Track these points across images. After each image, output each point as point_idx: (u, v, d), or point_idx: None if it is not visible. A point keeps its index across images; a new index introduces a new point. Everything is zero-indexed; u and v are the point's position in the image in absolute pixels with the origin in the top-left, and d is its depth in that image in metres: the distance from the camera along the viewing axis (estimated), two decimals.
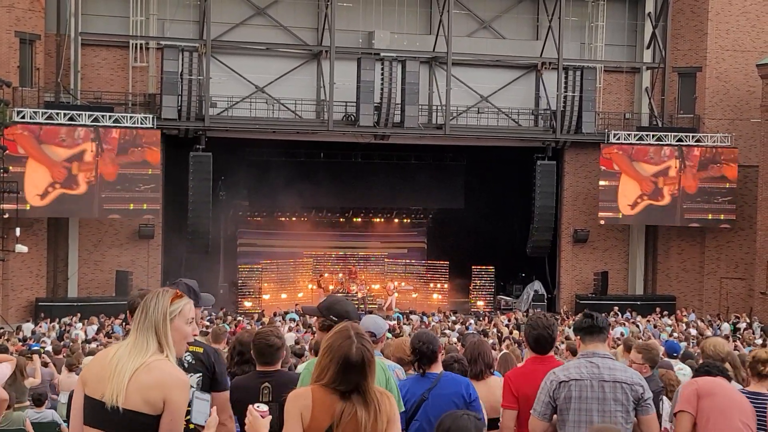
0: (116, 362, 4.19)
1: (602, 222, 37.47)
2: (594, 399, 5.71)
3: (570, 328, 27.34)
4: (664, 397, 7.79)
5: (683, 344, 22.12)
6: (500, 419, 6.50)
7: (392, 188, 39.69)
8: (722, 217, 37.46)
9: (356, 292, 38.35)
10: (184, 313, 4.41)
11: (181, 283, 5.33)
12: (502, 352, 10.97)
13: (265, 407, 4.39)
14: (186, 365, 4.98)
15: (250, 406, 4.39)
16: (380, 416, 4.24)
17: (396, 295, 38.54)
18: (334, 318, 5.65)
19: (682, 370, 10.17)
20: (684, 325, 30.40)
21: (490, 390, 7.64)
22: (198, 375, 5.20)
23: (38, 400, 12.12)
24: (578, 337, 6.06)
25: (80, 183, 32.58)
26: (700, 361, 7.28)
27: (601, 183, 36.81)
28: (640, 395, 5.74)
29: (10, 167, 30.68)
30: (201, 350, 5.26)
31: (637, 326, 28.65)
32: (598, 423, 5.53)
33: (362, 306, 36.98)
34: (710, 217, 37.42)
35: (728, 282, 38.03)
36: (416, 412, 6.40)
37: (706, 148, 37.17)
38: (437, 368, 6.66)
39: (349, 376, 4.20)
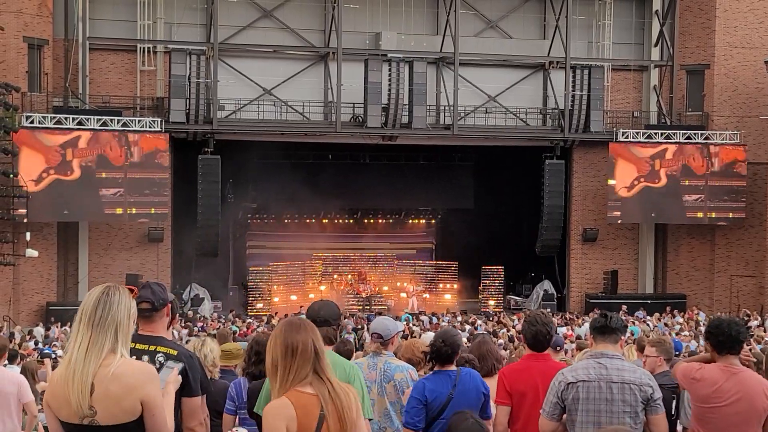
0: (73, 370, 4.03)
1: (618, 221, 37.35)
2: (602, 400, 5.69)
3: (580, 327, 27.36)
4: (685, 392, 7.71)
5: (694, 342, 22.12)
6: (494, 415, 6.50)
7: (401, 189, 39.70)
8: (731, 215, 37.31)
9: (361, 293, 38.41)
10: (135, 312, 4.34)
11: (153, 284, 5.22)
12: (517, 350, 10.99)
13: (244, 430, 4.35)
14: (158, 366, 4.87)
15: (234, 429, 4.36)
16: (350, 402, 4.20)
17: (414, 298, 38.49)
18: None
19: None
20: (694, 323, 30.30)
21: None
22: (181, 365, 5.07)
23: None
24: (592, 336, 6.06)
25: (74, 169, 32.49)
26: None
27: (610, 182, 36.73)
28: (649, 396, 5.72)
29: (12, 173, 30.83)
30: (175, 353, 5.08)
31: (648, 325, 28.61)
32: (606, 424, 5.51)
33: (368, 306, 37.04)
34: (714, 216, 37.26)
35: (739, 280, 37.91)
36: (443, 410, 6.38)
37: (714, 146, 37.06)
38: (451, 366, 6.65)
39: (306, 364, 4.14)
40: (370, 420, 5.79)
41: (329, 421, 4.12)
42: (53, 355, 16.08)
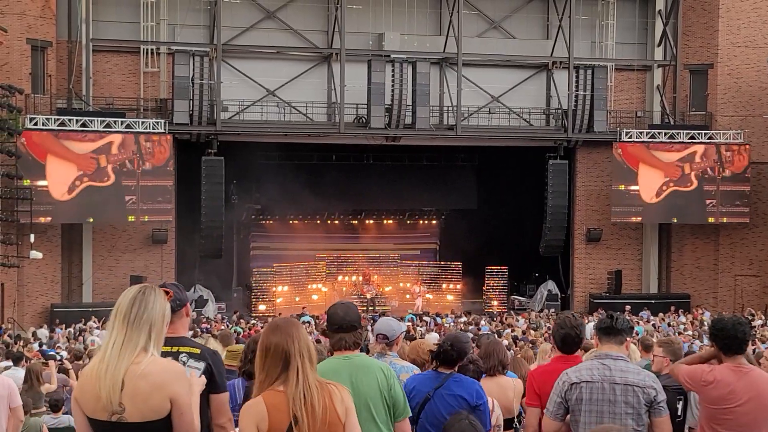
0: (106, 366, 4.08)
1: (624, 219, 37.34)
2: (605, 401, 5.68)
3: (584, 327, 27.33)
4: (693, 394, 7.69)
5: (698, 342, 22.10)
6: (523, 417, 6.51)
7: (404, 190, 39.70)
8: (739, 220, 37.32)
9: (365, 293, 38.44)
10: (169, 314, 4.39)
11: (170, 285, 5.29)
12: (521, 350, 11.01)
13: None
14: (182, 364, 4.93)
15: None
16: (333, 402, 4.25)
17: (420, 299, 38.51)
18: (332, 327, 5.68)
19: None
20: (699, 322, 30.28)
21: (502, 390, 7.67)
22: (204, 364, 5.16)
23: (55, 406, 12.17)
24: (597, 336, 6.05)
25: (109, 174, 32.70)
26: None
27: (619, 187, 36.64)
28: (652, 398, 5.70)
29: (26, 181, 30.90)
30: (198, 351, 5.18)
31: (653, 325, 28.59)
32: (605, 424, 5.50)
33: (371, 307, 37.05)
34: (725, 221, 37.27)
35: (743, 279, 37.87)
36: (420, 410, 6.40)
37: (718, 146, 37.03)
38: (450, 370, 6.65)
39: (276, 364, 4.22)
40: (409, 417, 5.81)
41: (304, 420, 4.16)
42: (57, 357, 16.09)
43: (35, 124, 31.77)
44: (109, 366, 4.06)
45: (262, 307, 36.81)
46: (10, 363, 13.88)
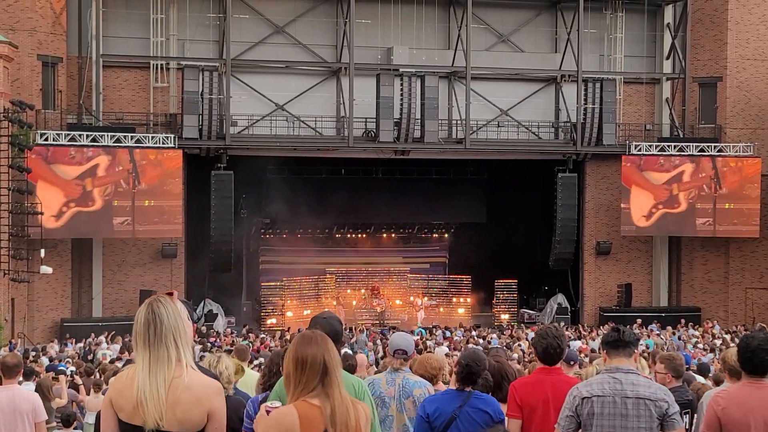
0: (142, 388, 4.12)
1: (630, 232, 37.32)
2: (617, 415, 5.65)
3: (594, 341, 27.24)
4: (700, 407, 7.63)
5: (710, 355, 22.02)
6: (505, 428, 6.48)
7: (413, 203, 39.67)
8: (746, 228, 37.20)
9: (375, 307, 38.39)
10: (186, 312, 4.40)
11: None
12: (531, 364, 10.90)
13: (278, 402, 4.39)
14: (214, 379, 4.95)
15: (263, 405, 4.42)
16: (359, 419, 4.26)
17: (422, 311, 38.42)
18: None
19: None
20: (710, 336, 30.17)
21: None
22: None
23: (66, 421, 12.18)
24: (604, 351, 6.00)
25: (95, 199, 32.70)
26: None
27: (623, 205, 36.70)
28: (664, 411, 5.65)
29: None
30: None
31: (662, 338, 28.49)
32: None
33: (381, 321, 36.99)
34: (737, 231, 37.17)
35: (754, 292, 37.71)
36: (445, 429, 6.38)
37: (727, 158, 36.96)
38: (469, 387, 6.63)
39: (314, 376, 4.20)
40: None
41: None
42: (68, 372, 16.10)
43: (46, 139, 31.90)
44: (143, 390, 4.11)
45: (271, 321, 36.78)
46: (20, 378, 13.87)
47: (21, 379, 10.06)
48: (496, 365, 7.70)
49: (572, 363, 10.04)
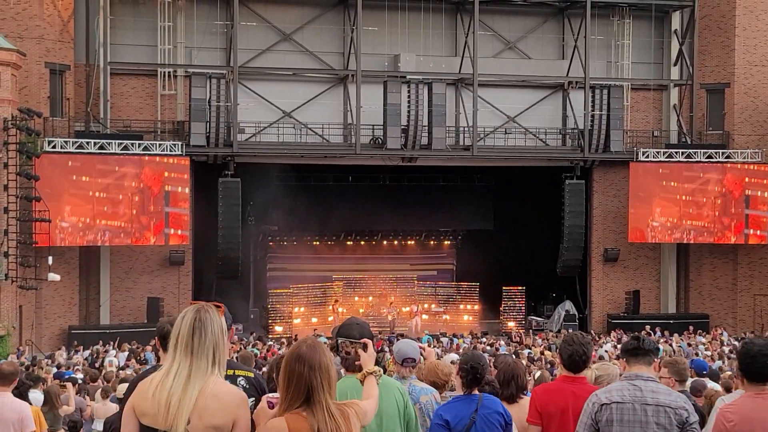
0: (174, 393, 4.15)
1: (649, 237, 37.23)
2: (636, 422, 5.60)
3: (602, 348, 27.18)
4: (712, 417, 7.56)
5: (718, 362, 21.92)
6: None
7: (421, 210, 39.65)
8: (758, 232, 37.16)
9: (386, 315, 38.28)
10: (227, 329, 4.48)
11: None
12: (538, 372, 10.87)
13: (278, 395, 4.42)
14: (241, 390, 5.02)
15: (264, 396, 4.44)
16: (350, 426, 4.33)
17: (417, 318, 38.23)
18: (340, 339, 5.75)
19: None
20: (719, 343, 30.06)
21: (523, 411, 7.57)
22: (252, 399, 5.22)
23: (73, 428, 12.16)
24: (623, 359, 5.98)
25: (123, 211, 32.97)
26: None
27: (631, 210, 36.66)
28: (684, 419, 5.61)
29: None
30: (251, 375, 5.39)
31: (670, 345, 28.40)
32: None
33: (391, 329, 36.89)
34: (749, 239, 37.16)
35: (762, 299, 37.59)
36: None
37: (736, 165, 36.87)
38: (475, 390, 6.62)
39: (298, 395, 4.25)
40: None
41: None
42: (77, 379, 16.09)
43: (53, 147, 31.95)
44: (174, 395, 4.13)
45: (278, 329, 36.74)
46: (15, 386, 13.84)
47: (31, 385, 10.08)
48: (511, 363, 7.69)
49: None
